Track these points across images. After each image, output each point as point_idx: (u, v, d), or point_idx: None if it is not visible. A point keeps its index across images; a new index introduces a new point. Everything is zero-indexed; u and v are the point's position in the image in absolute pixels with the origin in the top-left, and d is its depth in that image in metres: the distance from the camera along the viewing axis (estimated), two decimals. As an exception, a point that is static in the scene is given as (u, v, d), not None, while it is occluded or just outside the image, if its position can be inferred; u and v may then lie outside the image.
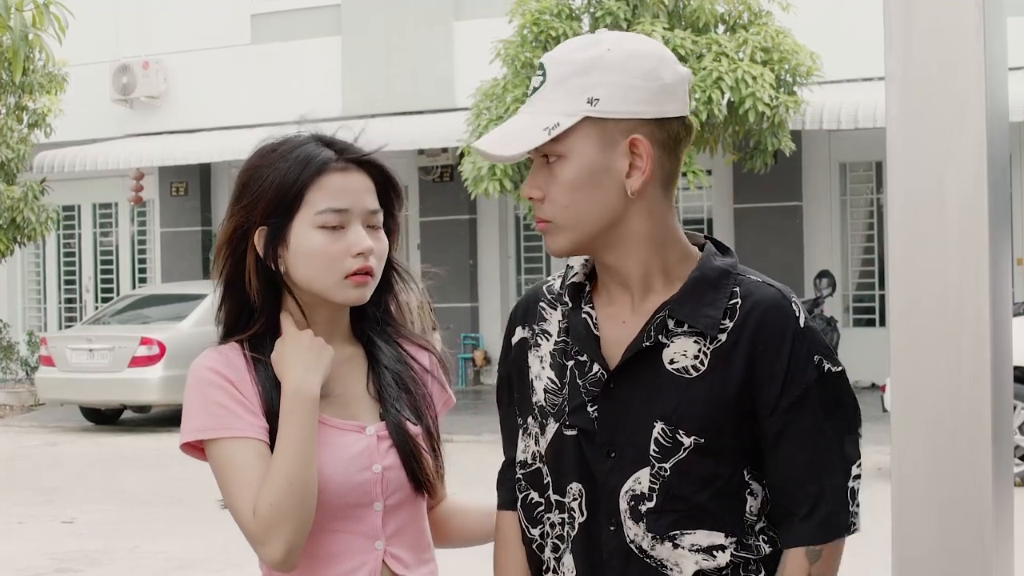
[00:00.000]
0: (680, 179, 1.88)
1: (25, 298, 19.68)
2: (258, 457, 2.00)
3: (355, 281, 2.05)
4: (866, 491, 1.92)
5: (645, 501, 1.80)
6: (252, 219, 2.06)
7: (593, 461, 1.83)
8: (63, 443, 13.59)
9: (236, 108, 16.87)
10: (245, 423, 2.02)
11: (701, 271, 1.83)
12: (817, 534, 1.78)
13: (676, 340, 1.81)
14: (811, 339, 1.81)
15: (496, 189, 12.12)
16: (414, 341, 2.23)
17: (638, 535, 1.81)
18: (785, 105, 12.14)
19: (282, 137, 2.12)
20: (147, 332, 14.14)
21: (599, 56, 1.78)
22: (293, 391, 2.01)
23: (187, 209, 18.24)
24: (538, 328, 1.94)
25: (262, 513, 1.95)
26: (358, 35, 16.47)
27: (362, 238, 2.05)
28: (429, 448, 2.13)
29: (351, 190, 2.06)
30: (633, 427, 1.80)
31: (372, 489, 2.06)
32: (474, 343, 16.45)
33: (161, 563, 7.76)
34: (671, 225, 1.86)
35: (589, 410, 1.83)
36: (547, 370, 1.90)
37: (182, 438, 2.07)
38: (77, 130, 16.90)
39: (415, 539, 2.13)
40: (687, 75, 1.84)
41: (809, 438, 1.79)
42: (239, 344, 2.10)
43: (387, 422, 2.10)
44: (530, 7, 12.31)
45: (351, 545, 2.06)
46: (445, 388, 2.24)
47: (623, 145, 1.78)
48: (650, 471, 1.79)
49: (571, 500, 1.86)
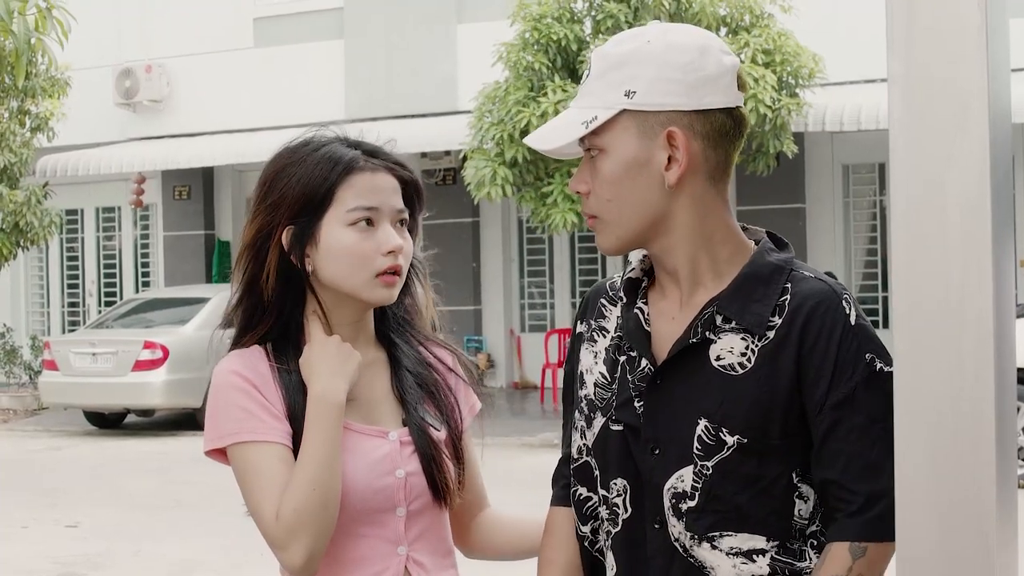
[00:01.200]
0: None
1: (28, 302, 19.69)
2: (281, 462, 1.99)
3: (385, 281, 2.05)
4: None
5: (687, 500, 1.77)
6: (278, 218, 2.05)
7: (638, 457, 1.82)
8: (66, 447, 13.59)
9: (239, 111, 16.89)
10: (268, 427, 2.01)
11: (752, 267, 1.81)
12: (864, 531, 1.70)
13: (723, 336, 1.78)
14: (862, 336, 1.75)
15: (499, 193, 12.12)
16: (437, 342, 2.22)
17: (682, 533, 1.78)
18: (787, 107, 12.15)
19: (305, 138, 2.12)
20: (150, 336, 14.14)
21: (638, 48, 1.78)
22: (319, 396, 2.00)
23: (190, 213, 18.25)
24: (595, 324, 1.93)
25: (285, 518, 1.94)
26: (360, 38, 16.48)
27: (392, 236, 2.05)
28: (452, 454, 2.12)
29: (380, 189, 2.06)
30: (678, 424, 1.78)
31: (395, 494, 2.05)
32: (477, 346, 16.45)
33: (164, 566, 7.76)
34: (721, 218, 1.84)
35: (636, 405, 1.82)
36: (599, 365, 1.89)
37: (205, 445, 2.06)
38: (80, 134, 16.91)
39: (437, 544, 2.12)
40: (734, 65, 1.81)
41: (859, 437, 1.71)
42: (263, 348, 2.09)
43: (409, 427, 2.09)
44: (532, 10, 12.32)
45: (374, 550, 2.05)
46: (471, 391, 2.23)
47: (661, 137, 1.77)
48: (693, 469, 1.76)
49: (615, 496, 1.85)
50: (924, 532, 1.20)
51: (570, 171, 11.87)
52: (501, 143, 12.08)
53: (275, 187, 2.06)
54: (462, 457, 2.14)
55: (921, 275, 1.18)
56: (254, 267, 2.08)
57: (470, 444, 2.21)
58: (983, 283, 1.16)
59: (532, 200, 12.30)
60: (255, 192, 2.11)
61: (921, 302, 1.19)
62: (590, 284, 16.62)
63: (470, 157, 12.44)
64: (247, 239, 2.09)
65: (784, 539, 1.76)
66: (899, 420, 1.21)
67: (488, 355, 16.54)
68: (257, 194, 2.10)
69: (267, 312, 2.09)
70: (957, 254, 1.17)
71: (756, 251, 1.84)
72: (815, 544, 1.77)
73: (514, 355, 16.82)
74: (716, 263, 1.82)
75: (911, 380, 1.20)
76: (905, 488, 1.21)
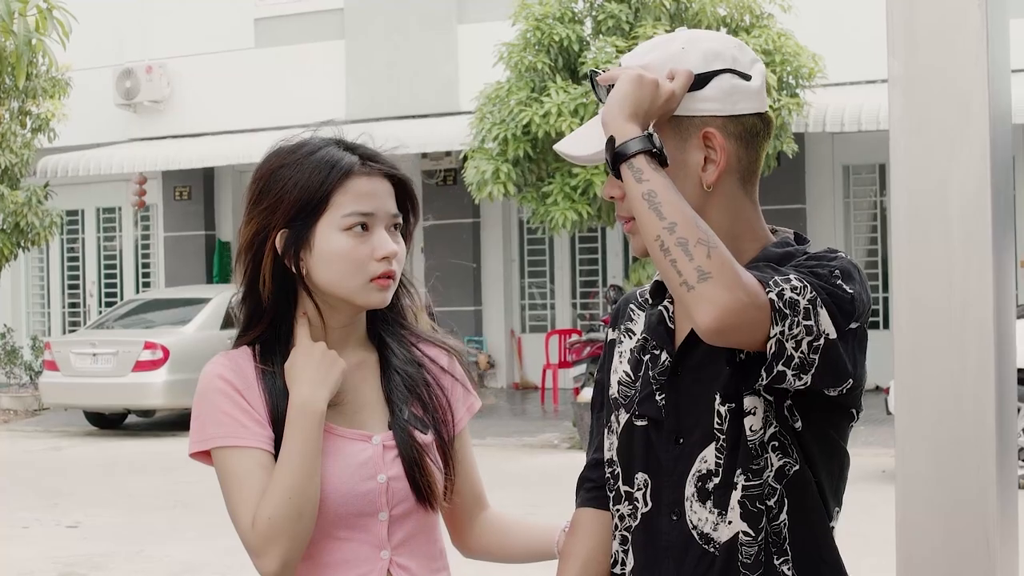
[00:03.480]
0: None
1: (29, 303, 19.69)
2: (260, 468, 1.99)
3: (379, 284, 2.05)
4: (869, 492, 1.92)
5: (712, 478, 1.81)
6: (273, 222, 2.05)
7: (661, 450, 1.85)
8: (67, 448, 13.60)
9: (239, 112, 16.88)
10: (249, 432, 2.01)
11: (763, 257, 1.82)
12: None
13: None
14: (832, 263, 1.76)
15: (500, 192, 12.12)
16: (431, 341, 2.22)
17: (702, 520, 1.82)
18: (788, 107, 12.14)
19: (300, 139, 2.11)
20: (151, 336, 14.14)
21: (672, 55, 1.81)
22: (300, 405, 2.00)
23: (191, 213, 18.25)
24: (623, 327, 1.97)
25: (260, 526, 1.95)
26: (361, 39, 16.48)
27: (387, 242, 2.05)
28: (440, 458, 2.11)
29: (376, 194, 2.06)
30: (699, 409, 1.82)
31: (377, 499, 2.05)
32: (477, 346, 16.45)
33: (166, 567, 7.76)
34: (749, 219, 1.86)
35: (657, 398, 1.86)
36: (624, 364, 1.93)
37: (190, 447, 2.07)
38: (81, 134, 16.91)
39: (424, 549, 2.12)
40: (762, 72, 1.86)
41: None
42: (250, 349, 2.09)
43: (394, 430, 2.09)
44: (533, 10, 12.32)
45: (356, 554, 2.05)
46: (469, 390, 2.22)
47: (697, 138, 1.80)
48: (715, 445, 1.81)
49: (636, 490, 1.88)
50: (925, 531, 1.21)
51: (571, 171, 11.87)
52: (503, 143, 12.08)
53: (270, 190, 2.05)
54: (451, 460, 2.14)
55: (922, 275, 1.19)
56: (252, 269, 2.08)
57: (468, 445, 2.21)
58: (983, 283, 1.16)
59: (533, 200, 12.30)
60: (248, 193, 2.10)
61: (922, 302, 1.19)
62: (591, 285, 16.65)
63: (471, 157, 12.44)
64: (243, 242, 2.08)
65: (746, 463, 1.79)
66: (900, 420, 1.22)
67: (488, 356, 16.54)
68: (250, 196, 2.09)
69: (264, 314, 2.09)
70: (958, 254, 1.17)
71: (768, 245, 1.85)
72: (777, 444, 1.79)
73: (514, 356, 16.82)
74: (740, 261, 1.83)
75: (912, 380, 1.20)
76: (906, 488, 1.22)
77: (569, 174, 11.91)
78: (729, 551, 1.81)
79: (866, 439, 10.46)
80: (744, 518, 1.80)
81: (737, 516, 1.80)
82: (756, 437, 1.79)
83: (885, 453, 9.96)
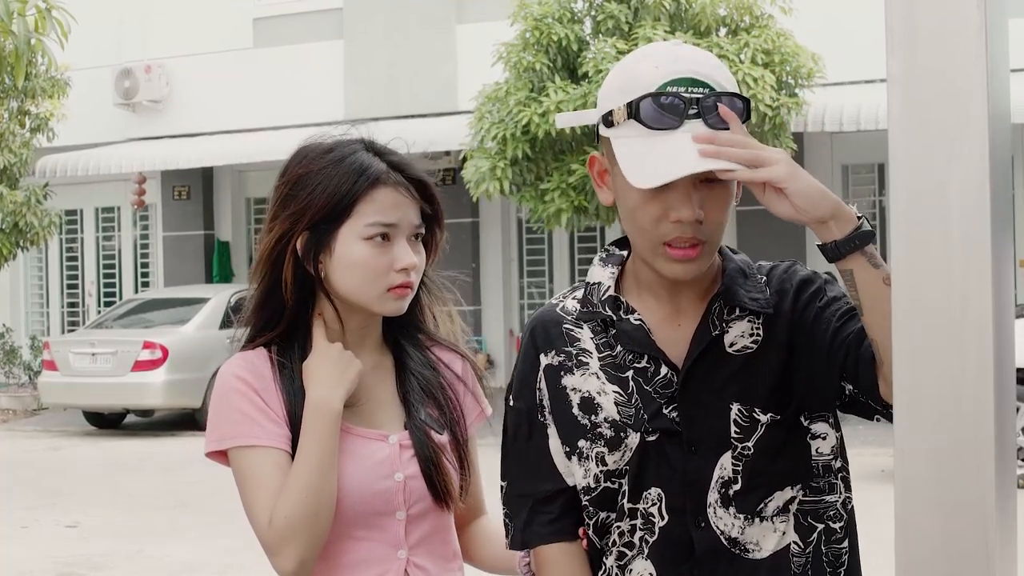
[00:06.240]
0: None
1: (28, 302, 19.69)
2: (276, 467, 2.00)
3: (396, 294, 2.06)
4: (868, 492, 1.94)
5: (732, 484, 1.84)
6: (298, 227, 2.05)
7: (678, 461, 1.85)
8: (66, 447, 13.60)
9: (238, 112, 16.89)
10: (267, 432, 2.02)
11: (734, 264, 1.92)
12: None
13: (732, 326, 1.87)
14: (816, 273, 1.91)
15: (496, 189, 12.11)
16: (446, 346, 2.22)
17: (728, 525, 1.84)
18: (787, 107, 12.14)
19: (328, 143, 2.10)
20: (150, 336, 14.15)
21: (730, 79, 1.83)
22: (315, 404, 2.00)
23: (189, 213, 18.25)
24: (572, 350, 1.92)
25: (277, 525, 1.95)
26: (360, 38, 16.48)
27: (407, 254, 2.05)
28: (455, 459, 2.12)
29: (400, 205, 2.06)
30: (712, 418, 1.85)
31: (394, 498, 2.06)
32: (477, 347, 16.46)
33: (165, 567, 7.76)
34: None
35: (666, 412, 1.86)
36: (609, 384, 1.89)
37: (206, 446, 2.07)
38: (80, 134, 16.91)
39: (440, 548, 2.13)
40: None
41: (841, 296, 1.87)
42: (267, 349, 2.09)
43: (410, 430, 2.09)
44: (532, 10, 12.32)
45: (373, 553, 2.06)
46: (478, 399, 2.22)
47: None
48: (732, 453, 1.84)
49: (649, 505, 1.87)
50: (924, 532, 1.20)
51: (569, 168, 11.86)
52: (502, 142, 12.07)
53: (297, 195, 2.05)
54: (466, 461, 2.14)
55: (921, 275, 1.18)
56: (272, 273, 2.08)
57: (474, 451, 2.21)
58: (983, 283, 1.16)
59: (531, 199, 12.30)
60: (273, 196, 2.09)
61: (921, 302, 1.19)
62: (590, 284, 16.63)
63: (470, 157, 12.44)
64: (267, 247, 2.08)
65: (806, 480, 1.86)
66: (899, 420, 1.21)
67: (488, 355, 16.55)
68: (276, 200, 2.08)
69: (284, 316, 2.09)
70: (957, 254, 1.17)
71: (724, 255, 1.94)
72: (844, 476, 1.91)
73: (514, 355, 16.77)
74: (712, 269, 1.92)
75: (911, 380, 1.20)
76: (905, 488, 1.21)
77: (569, 172, 11.91)
78: (775, 560, 1.85)
79: (865, 439, 10.47)
80: (797, 530, 1.86)
81: (791, 527, 1.86)
82: (823, 460, 1.88)
83: (884, 453, 9.97)
